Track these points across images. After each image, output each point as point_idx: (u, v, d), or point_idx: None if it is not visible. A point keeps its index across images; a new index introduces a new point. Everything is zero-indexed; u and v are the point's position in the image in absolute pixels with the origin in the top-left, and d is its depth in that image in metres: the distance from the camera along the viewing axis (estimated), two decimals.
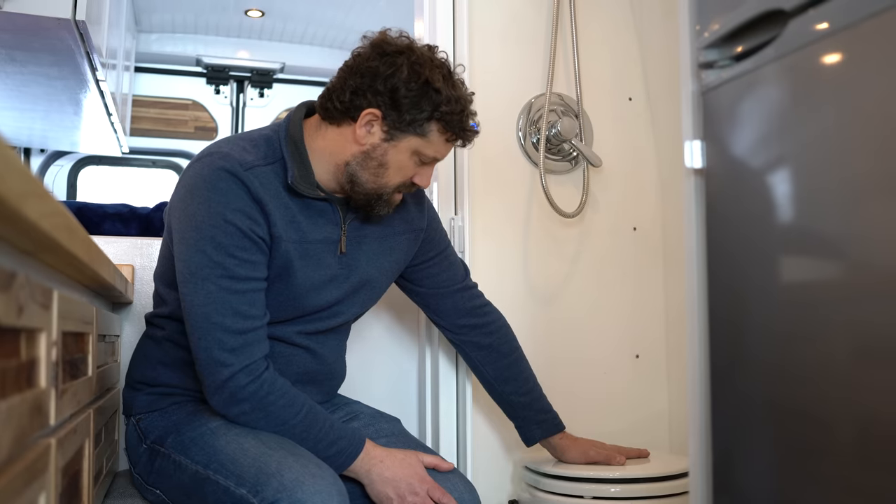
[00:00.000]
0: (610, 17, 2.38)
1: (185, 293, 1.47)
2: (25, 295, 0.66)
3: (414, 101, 1.49)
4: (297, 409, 1.48)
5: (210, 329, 1.44)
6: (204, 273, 1.44)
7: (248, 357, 1.45)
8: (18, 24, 2.05)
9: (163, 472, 1.52)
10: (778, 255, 1.06)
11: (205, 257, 1.44)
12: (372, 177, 1.54)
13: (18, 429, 0.64)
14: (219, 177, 1.46)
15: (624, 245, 2.32)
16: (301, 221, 1.55)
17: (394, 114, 1.50)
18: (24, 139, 3.53)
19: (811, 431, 0.99)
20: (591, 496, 1.78)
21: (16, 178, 0.52)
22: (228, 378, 1.43)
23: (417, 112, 1.50)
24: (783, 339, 1.05)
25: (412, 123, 1.51)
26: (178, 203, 1.51)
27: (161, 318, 1.65)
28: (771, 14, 1.04)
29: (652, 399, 2.30)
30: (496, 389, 1.87)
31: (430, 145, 1.55)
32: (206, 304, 1.44)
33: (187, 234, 1.47)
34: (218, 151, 1.50)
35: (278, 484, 1.31)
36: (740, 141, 1.13)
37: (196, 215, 1.46)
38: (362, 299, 1.70)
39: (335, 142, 1.55)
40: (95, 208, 2.22)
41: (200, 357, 1.45)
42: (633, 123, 2.37)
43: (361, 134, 1.52)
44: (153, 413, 1.60)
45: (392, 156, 1.54)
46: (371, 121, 1.51)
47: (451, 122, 1.53)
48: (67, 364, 0.96)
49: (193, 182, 1.48)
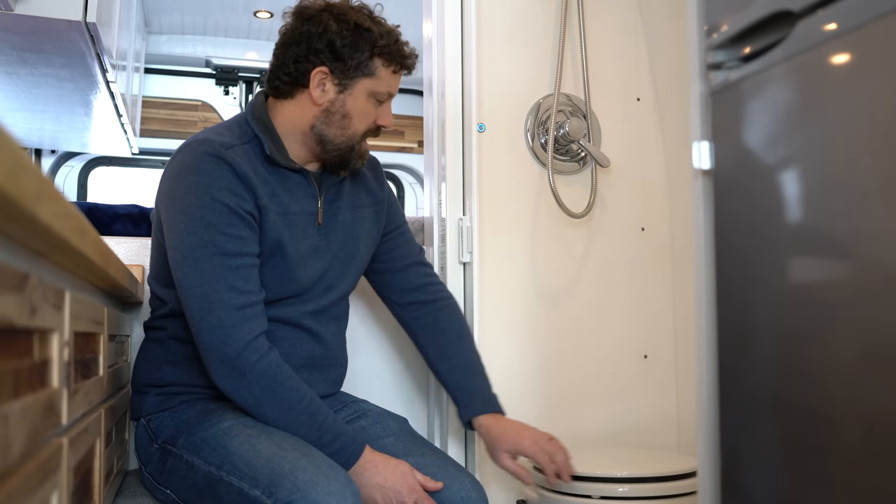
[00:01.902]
0: (618, 17, 2.38)
1: (180, 278, 1.49)
2: (38, 296, 0.67)
3: (352, 45, 1.58)
4: (302, 395, 1.50)
5: (209, 308, 1.46)
6: (197, 254, 1.47)
7: (249, 332, 1.47)
8: (30, 27, 2.06)
9: (175, 473, 1.52)
10: (786, 256, 1.06)
11: (196, 238, 1.48)
12: (339, 130, 1.62)
13: (32, 428, 0.65)
14: (202, 160, 1.51)
15: (632, 245, 2.32)
16: (281, 194, 1.61)
17: (339, 64, 1.58)
18: (35, 140, 3.54)
19: (819, 431, 0.99)
20: (599, 496, 1.78)
21: (30, 180, 0.53)
22: (235, 357, 1.45)
23: (359, 54, 1.59)
24: (791, 338, 1.05)
25: (359, 66, 1.59)
26: (164, 195, 1.55)
27: (162, 319, 1.66)
28: (779, 15, 1.04)
29: (660, 399, 2.30)
30: (435, 368, 1.85)
31: (380, 82, 1.62)
32: (202, 284, 1.47)
33: (176, 220, 1.50)
34: (196, 139, 1.56)
35: (292, 485, 1.32)
36: (749, 142, 1.13)
37: (183, 200, 1.50)
38: (349, 270, 1.72)
39: (295, 112, 1.63)
40: (106, 209, 2.23)
41: (203, 339, 1.47)
42: (642, 124, 2.37)
43: (317, 94, 1.60)
44: (163, 413, 1.60)
45: (351, 104, 1.61)
46: (322, 79, 1.59)
47: (392, 53, 1.62)
48: (79, 364, 0.97)
49: (177, 171, 1.53)
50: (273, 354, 1.49)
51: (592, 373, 2.21)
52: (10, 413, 0.57)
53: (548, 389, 2.15)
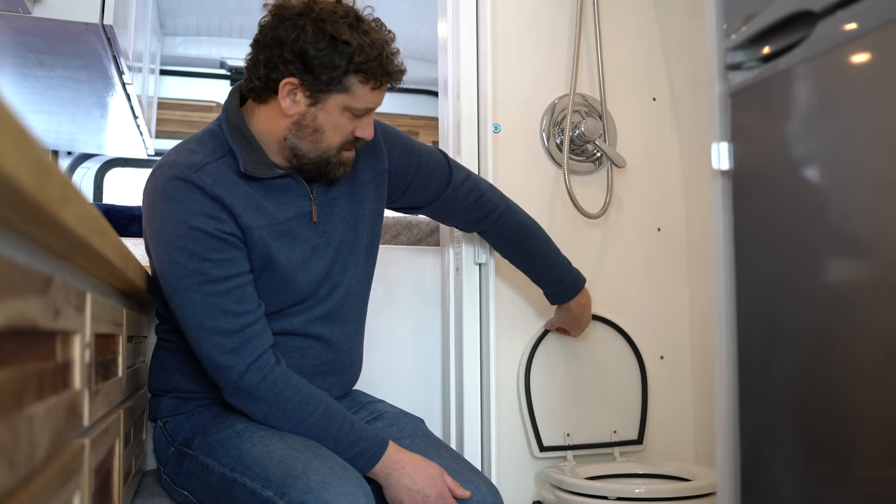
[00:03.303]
0: (633, 17, 2.37)
1: (174, 308, 1.48)
2: (62, 298, 0.67)
3: (325, 59, 1.44)
4: (314, 407, 1.48)
5: (206, 336, 1.44)
6: (184, 284, 1.44)
7: (250, 354, 1.45)
8: (47, 29, 2.07)
9: (191, 474, 1.53)
10: (806, 257, 1.06)
11: (180, 268, 1.44)
12: (311, 144, 1.51)
13: (55, 430, 0.65)
14: (172, 186, 1.45)
15: (648, 246, 2.32)
16: (266, 205, 1.53)
17: (310, 77, 1.45)
18: (52, 142, 3.56)
19: (841, 434, 0.99)
20: (615, 497, 1.78)
21: (55, 184, 0.53)
22: (238, 379, 1.44)
23: (332, 70, 1.44)
24: (812, 339, 1.04)
25: (331, 82, 1.46)
26: (146, 223, 1.53)
27: (168, 332, 1.66)
28: (799, 15, 1.03)
29: (677, 400, 2.29)
30: (517, 266, 2.01)
31: (356, 98, 1.49)
32: (195, 314, 1.45)
33: (158, 251, 1.47)
34: (166, 162, 1.50)
35: (304, 486, 1.32)
36: (768, 142, 1.13)
37: (161, 230, 1.46)
38: (351, 262, 1.67)
39: (268, 119, 1.53)
40: (123, 210, 2.24)
41: (206, 364, 1.47)
42: (658, 124, 2.37)
43: (287, 105, 1.48)
44: (179, 416, 1.61)
45: (323, 118, 1.49)
46: (291, 90, 1.47)
47: (371, 70, 1.47)
48: (99, 365, 0.98)
49: (151, 198, 1.49)
50: (279, 370, 1.47)
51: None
52: (35, 415, 0.58)
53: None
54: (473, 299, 2.12)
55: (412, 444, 1.62)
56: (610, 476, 2.00)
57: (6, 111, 0.43)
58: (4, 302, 0.49)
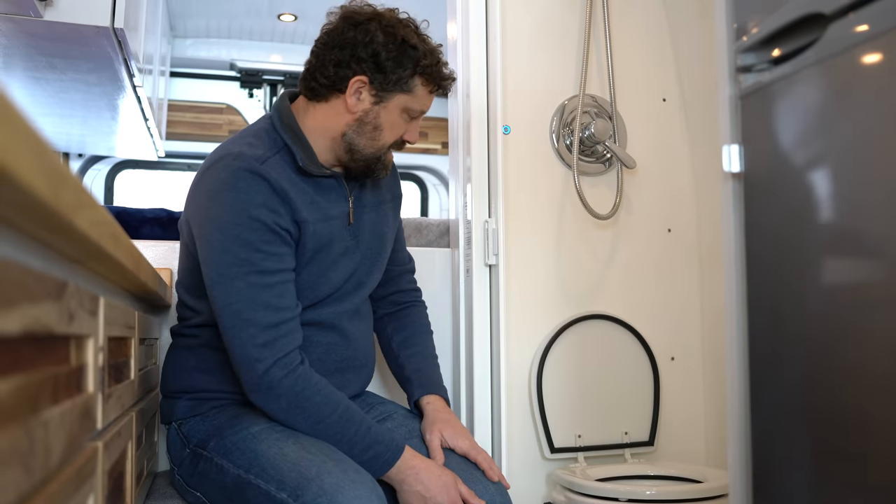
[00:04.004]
0: (643, 17, 2.37)
1: (214, 295, 1.49)
2: (75, 303, 0.68)
3: (396, 60, 1.57)
4: (333, 408, 1.49)
5: (242, 326, 1.46)
6: (232, 272, 1.47)
7: (280, 350, 1.47)
8: (58, 33, 2.08)
9: (205, 475, 1.54)
10: (817, 258, 1.05)
11: (231, 256, 1.47)
12: (369, 141, 1.61)
13: (70, 434, 0.66)
14: (238, 177, 1.49)
15: (658, 247, 2.31)
16: (319, 201, 1.60)
17: (380, 76, 1.57)
18: (63, 144, 3.57)
19: (852, 435, 0.99)
20: (626, 498, 1.78)
21: (70, 191, 0.54)
22: (263, 373, 1.45)
23: (401, 70, 1.57)
24: (823, 341, 1.04)
25: (398, 82, 1.58)
26: (198, 210, 1.54)
27: (193, 328, 1.66)
28: (810, 17, 1.03)
29: (687, 401, 2.29)
30: (396, 353, 1.83)
31: (416, 100, 1.62)
32: (237, 302, 1.46)
33: (211, 237, 1.50)
34: (229, 153, 1.53)
35: (318, 488, 1.32)
36: (779, 145, 1.12)
37: (219, 217, 1.49)
38: (375, 267, 1.74)
39: (327, 117, 1.61)
40: (134, 213, 2.24)
41: (235, 355, 1.48)
42: (668, 125, 2.36)
43: (352, 102, 1.58)
44: (194, 418, 1.62)
45: (384, 117, 1.60)
46: (360, 88, 1.57)
47: (432, 74, 1.61)
48: (112, 368, 0.98)
49: (213, 187, 1.52)
50: (302, 369, 1.48)
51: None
52: (50, 419, 0.58)
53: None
54: (484, 301, 2.12)
55: (421, 445, 1.63)
56: (621, 478, 2.00)
57: (20, 118, 0.44)
58: (21, 308, 0.49)
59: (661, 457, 2.22)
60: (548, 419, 2.09)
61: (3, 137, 0.40)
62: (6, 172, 0.41)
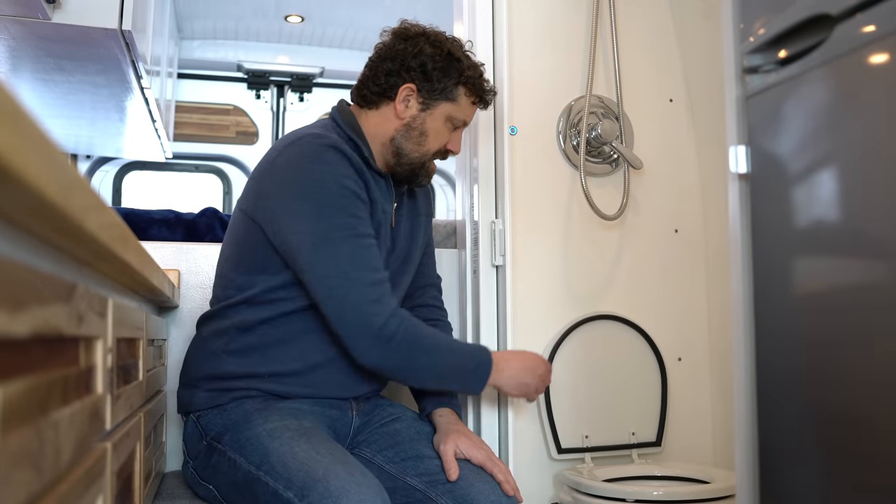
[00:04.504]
0: (650, 18, 2.37)
1: (312, 262, 1.55)
2: (85, 305, 0.68)
3: (442, 71, 1.71)
4: (440, 337, 1.64)
5: (351, 286, 1.54)
6: (332, 236, 1.55)
7: (389, 303, 1.57)
8: (67, 35, 2.09)
9: (218, 468, 1.55)
10: (824, 260, 1.05)
11: (329, 222, 1.56)
12: (415, 146, 1.73)
13: (79, 434, 0.66)
14: (323, 150, 1.59)
15: (665, 247, 2.31)
16: (377, 194, 1.70)
17: (427, 85, 1.72)
18: (72, 146, 3.59)
19: (861, 436, 0.98)
20: (633, 499, 1.78)
21: (79, 194, 0.54)
22: (381, 326, 1.54)
23: (447, 80, 1.72)
24: (831, 342, 1.04)
25: (444, 91, 1.72)
26: (280, 184, 1.60)
27: (231, 308, 1.67)
28: (817, 18, 1.03)
29: (695, 402, 2.28)
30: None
31: (459, 109, 1.75)
32: (341, 264, 1.54)
33: (301, 208, 1.57)
34: (308, 134, 1.63)
35: (324, 489, 1.33)
36: (785, 145, 1.12)
37: (309, 187, 1.57)
38: (406, 270, 1.82)
39: (377, 122, 1.75)
40: (142, 214, 2.25)
41: (347, 315, 1.54)
42: (674, 125, 2.36)
43: (401, 109, 1.72)
44: (212, 410, 1.62)
45: (430, 123, 1.73)
46: (408, 95, 1.72)
47: (475, 86, 1.76)
48: (120, 369, 0.99)
49: (298, 162, 1.60)
50: (409, 315, 1.59)
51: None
52: (59, 420, 0.58)
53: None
54: (491, 301, 2.13)
55: (429, 446, 1.64)
56: (628, 478, 1.99)
57: (29, 119, 0.44)
58: (31, 310, 0.50)
59: (668, 457, 2.22)
60: (555, 419, 2.09)
61: (12, 139, 0.40)
62: (15, 174, 0.41)
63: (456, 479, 1.56)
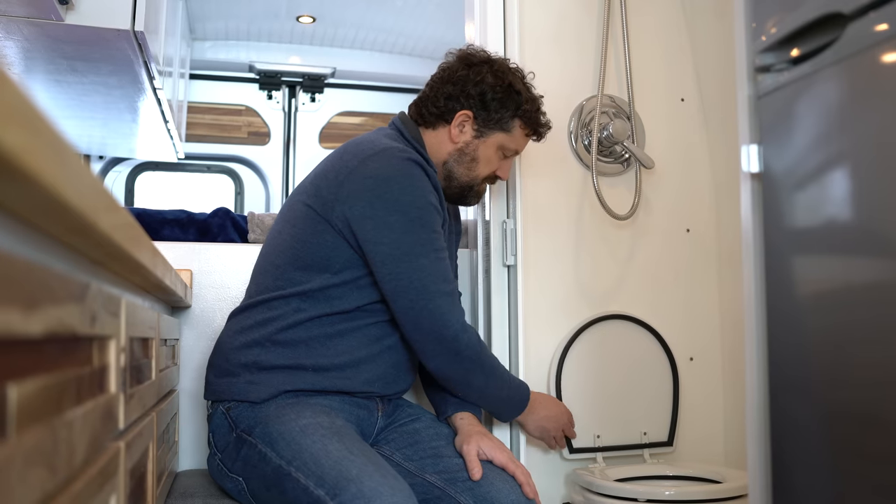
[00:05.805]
0: (661, 17, 2.36)
1: (397, 272, 1.61)
2: (98, 304, 0.69)
3: (500, 101, 1.76)
4: (496, 362, 1.74)
5: (431, 297, 1.61)
6: (417, 250, 1.62)
7: (460, 315, 1.66)
8: (80, 36, 2.10)
9: (247, 461, 1.55)
10: (837, 259, 1.05)
11: (416, 237, 1.62)
12: (466, 170, 1.80)
13: (93, 434, 0.66)
14: (411, 166, 1.64)
15: (677, 247, 2.31)
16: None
17: (483, 113, 1.77)
18: (84, 146, 3.61)
19: (873, 437, 0.98)
20: (645, 499, 1.77)
21: (93, 194, 0.54)
22: (454, 337, 1.63)
23: (504, 111, 1.77)
24: (843, 342, 1.03)
25: (499, 121, 1.78)
26: (369, 195, 1.62)
27: (278, 300, 1.67)
28: (829, 17, 1.02)
29: (707, 402, 2.28)
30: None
31: (512, 140, 1.81)
32: (423, 277, 1.61)
33: (390, 219, 1.62)
34: (391, 146, 1.67)
35: (357, 490, 1.33)
36: (798, 145, 1.12)
37: (399, 200, 1.62)
38: None
39: (433, 142, 1.81)
40: (155, 214, 2.26)
41: (423, 324, 1.62)
42: (686, 125, 2.36)
43: (455, 133, 1.78)
44: (244, 403, 1.61)
45: (482, 151, 1.79)
46: (464, 121, 1.78)
47: (531, 119, 1.81)
48: (133, 369, 0.99)
49: (386, 173, 1.63)
50: (476, 331, 1.68)
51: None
52: (74, 419, 0.59)
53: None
54: (502, 301, 2.13)
55: (447, 446, 1.68)
56: (640, 478, 1.99)
57: (42, 120, 0.44)
58: (45, 310, 0.50)
59: (680, 457, 2.21)
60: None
61: (26, 140, 0.40)
62: (29, 175, 0.42)
63: (479, 478, 1.58)
